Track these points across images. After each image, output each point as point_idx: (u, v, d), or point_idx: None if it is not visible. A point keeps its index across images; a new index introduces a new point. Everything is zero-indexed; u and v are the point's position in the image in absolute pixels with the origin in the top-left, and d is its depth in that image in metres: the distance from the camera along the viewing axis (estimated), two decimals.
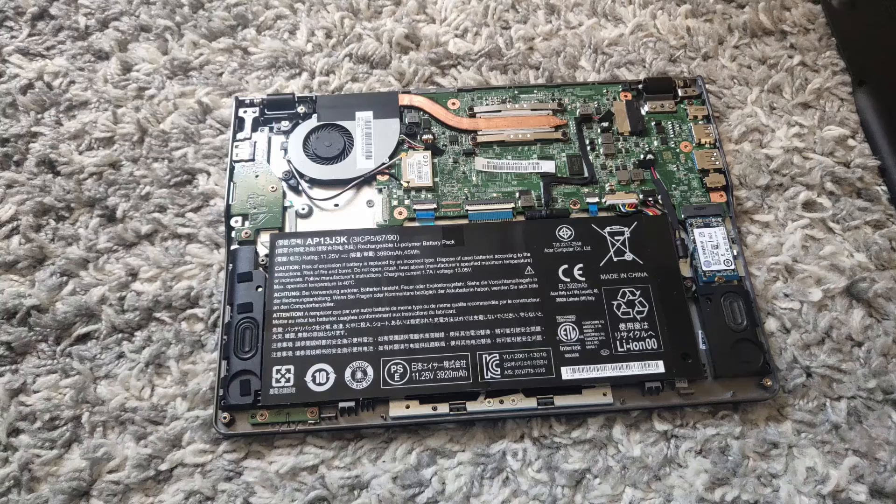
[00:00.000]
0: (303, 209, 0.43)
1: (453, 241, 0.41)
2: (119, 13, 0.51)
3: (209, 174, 0.45)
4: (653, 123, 0.46)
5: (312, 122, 0.46)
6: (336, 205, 0.43)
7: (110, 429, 0.38)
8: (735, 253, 0.42)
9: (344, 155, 0.45)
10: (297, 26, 0.51)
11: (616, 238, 0.42)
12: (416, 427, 0.38)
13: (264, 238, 0.42)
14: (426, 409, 0.37)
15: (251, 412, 0.37)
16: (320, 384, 0.37)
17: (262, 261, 0.41)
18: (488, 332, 0.39)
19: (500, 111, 0.47)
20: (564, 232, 0.42)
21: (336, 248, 0.41)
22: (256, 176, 0.44)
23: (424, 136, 0.45)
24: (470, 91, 0.48)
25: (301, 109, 0.46)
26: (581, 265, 0.41)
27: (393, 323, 0.39)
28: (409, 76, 0.49)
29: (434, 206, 0.43)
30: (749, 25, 0.51)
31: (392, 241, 0.41)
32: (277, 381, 0.37)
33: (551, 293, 0.40)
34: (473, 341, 0.38)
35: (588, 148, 0.46)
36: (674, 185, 0.44)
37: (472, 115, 0.47)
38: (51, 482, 0.36)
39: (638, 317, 0.39)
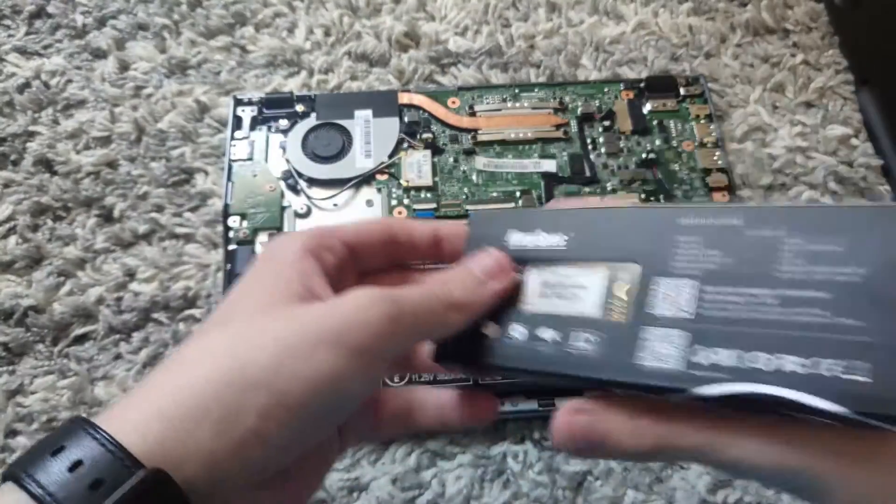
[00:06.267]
0: (301, 209, 0.43)
1: None
2: (117, 11, 0.50)
3: (207, 173, 0.45)
4: (655, 122, 0.46)
5: (311, 120, 0.45)
6: (335, 204, 0.43)
7: None
8: None
9: (343, 154, 0.44)
10: (295, 24, 0.50)
11: None
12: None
13: (262, 238, 0.41)
14: None
15: None
16: None
17: None
18: None
19: (500, 110, 0.46)
20: None
21: None
22: (255, 175, 0.43)
23: (424, 135, 0.45)
24: (470, 89, 0.47)
25: (300, 108, 0.46)
26: None
27: None
28: (408, 74, 0.49)
29: (434, 205, 0.43)
30: (751, 24, 0.51)
31: None
32: None
33: None
34: None
35: (590, 147, 0.45)
36: (676, 185, 0.44)
37: (473, 114, 0.46)
38: None
39: None
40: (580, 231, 0.23)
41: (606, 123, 0.46)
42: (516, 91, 0.47)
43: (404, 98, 0.46)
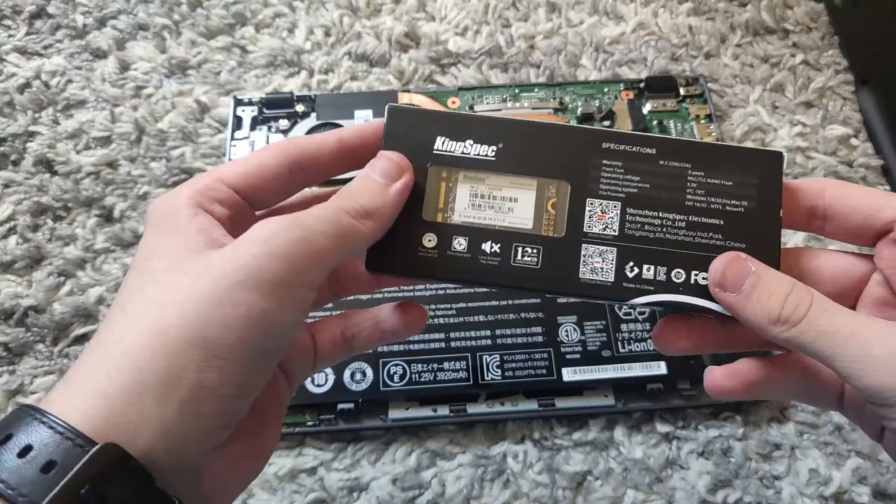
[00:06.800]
0: None
1: None
2: (117, 11, 0.51)
3: None
4: (654, 122, 0.46)
5: (311, 120, 0.45)
6: None
7: None
8: None
9: None
10: (295, 24, 0.50)
11: None
12: (415, 429, 0.38)
13: None
14: (426, 411, 0.37)
15: None
16: (319, 385, 0.37)
17: None
18: (489, 332, 0.38)
19: (500, 110, 0.46)
20: None
21: None
22: None
23: None
24: (470, 90, 0.47)
25: (300, 108, 0.46)
26: None
27: None
28: (408, 74, 0.49)
29: None
30: (751, 24, 0.51)
31: None
32: None
33: None
34: (474, 342, 0.38)
35: None
36: None
37: None
38: None
39: (640, 317, 0.39)
40: (510, 143, 0.24)
41: (606, 123, 0.46)
42: (516, 91, 0.47)
43: (404, 98, 0.46)
